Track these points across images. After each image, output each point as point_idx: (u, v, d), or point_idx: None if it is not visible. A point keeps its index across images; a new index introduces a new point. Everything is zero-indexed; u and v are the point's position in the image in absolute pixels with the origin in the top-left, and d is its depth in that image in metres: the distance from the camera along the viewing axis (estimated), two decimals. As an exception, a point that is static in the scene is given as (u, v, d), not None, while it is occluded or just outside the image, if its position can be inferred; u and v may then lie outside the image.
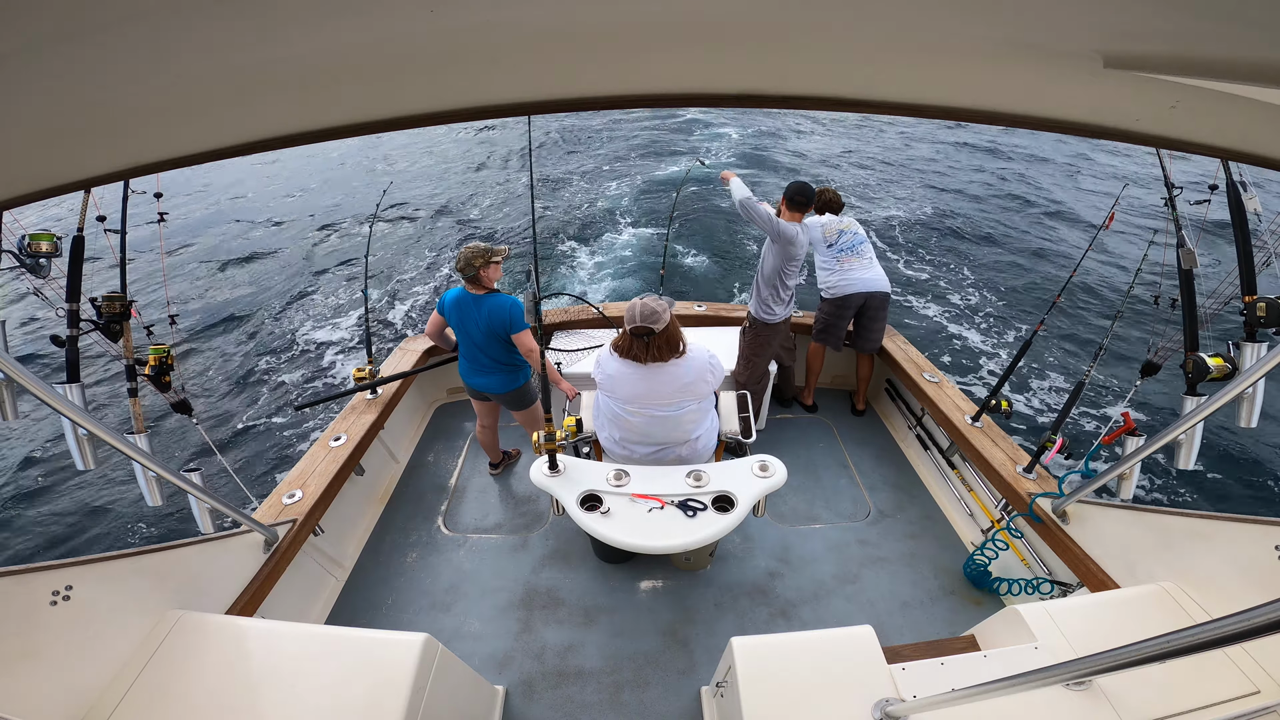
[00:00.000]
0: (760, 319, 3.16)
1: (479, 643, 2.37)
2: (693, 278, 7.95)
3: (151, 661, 1.50)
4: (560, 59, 0.66)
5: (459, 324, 2.72)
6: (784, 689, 1.47)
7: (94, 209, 2.00)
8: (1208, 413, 1.76)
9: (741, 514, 1.96)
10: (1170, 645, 0.75)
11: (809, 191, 2.95)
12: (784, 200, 2.97)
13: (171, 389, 2.08)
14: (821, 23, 0.57)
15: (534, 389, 2.94)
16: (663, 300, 2.15)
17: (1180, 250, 2.06)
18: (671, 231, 4.50)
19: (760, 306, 3.14)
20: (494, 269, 2.60)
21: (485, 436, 3.17)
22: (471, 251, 2.56)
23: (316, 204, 11.98)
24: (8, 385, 1.43)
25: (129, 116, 0.61)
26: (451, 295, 2.71)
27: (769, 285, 3.07)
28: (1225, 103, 0.56)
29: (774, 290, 3.06)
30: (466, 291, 2.65)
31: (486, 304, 2.61)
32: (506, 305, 2.60)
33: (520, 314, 2.62)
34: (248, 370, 6.43)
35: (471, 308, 2.65)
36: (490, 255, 2.57)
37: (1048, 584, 2.35)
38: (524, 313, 2.63)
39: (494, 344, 2.69)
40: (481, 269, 2.56)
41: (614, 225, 9.77)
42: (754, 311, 3.19)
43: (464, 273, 2.58)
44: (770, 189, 10.41)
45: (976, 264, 8.16)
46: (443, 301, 2.74)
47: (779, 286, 3.05)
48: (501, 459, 3.33)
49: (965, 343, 6.40)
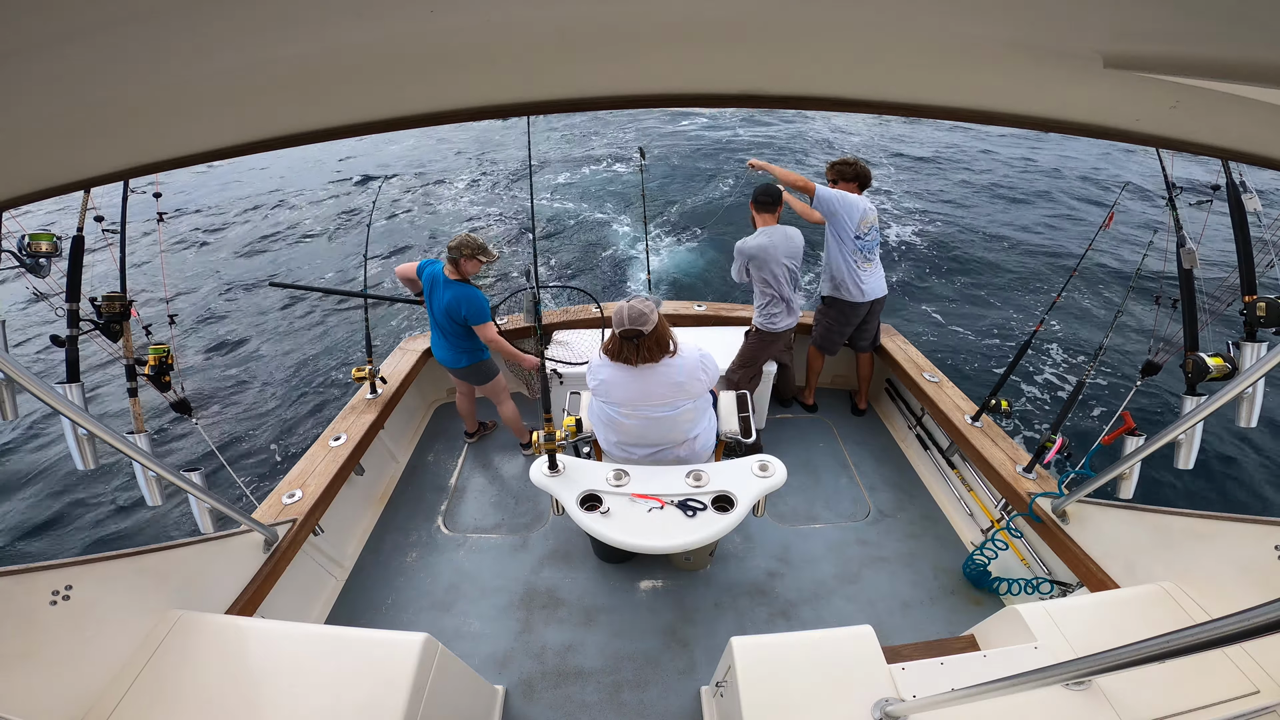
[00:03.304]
0: (764, 328, 3.15)
1: (479, 643, 2.37)
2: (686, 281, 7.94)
3: (151, 661, 1.50)
4: (560, 59, 0.66)
5: (428, 296, 2.95)
6: (784, 689, 1.47)
7: (93, 209, 2.00)
8: (1207, 413, 1.76)
9: (741, 514, 1.96)
10: (1170, 645, 0.75)
11: (774, 192, 3.01)
12: (751, 203, 3.04)
13: (171, 389, 2.09)
14: (822, 23, 0.57)
15: (493, 365, 3.16)
16: (649, 301, 2.14)
17: (1180, 250, 2.06)
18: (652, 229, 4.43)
19: (766, 320, 3.13)
20: (474, 265, 2.78)
21: (462, 404, 3.40)
22: (466, 240, 2.73)
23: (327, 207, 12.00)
24: (7, 385, 1.43)
25: (129, 116, 0.61)
26: (431, 269, 2.91)
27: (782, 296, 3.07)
28: (1225, 103, 0.56)
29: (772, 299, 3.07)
30: (443, 271, 2.84)
31: (453, 290, 2.80)
32: (467, 297, 2.79)
33: (482, 307, 2.81)
34: (248, 369, 6.43)
35: (440, 288, 2.85)
36: (477, 251, 2.74)
37: (1047, 584, 2.35)
38: (488, 307, 2.85)
39: (452, 325, 2.90)
40: (464, 259, 2.75)
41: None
42: (758, 322, 3.18)
43: (450, 253, 2.76)
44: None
45: (976, 264, 8.16)
46: (423, 266, 2.95)
47: (786, 298, 3.07)
48: (477, 429, 3.54)
49: (965, 343, 6.39)
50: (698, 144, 13.93)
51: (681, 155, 13.07)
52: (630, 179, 11.81)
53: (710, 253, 8.48)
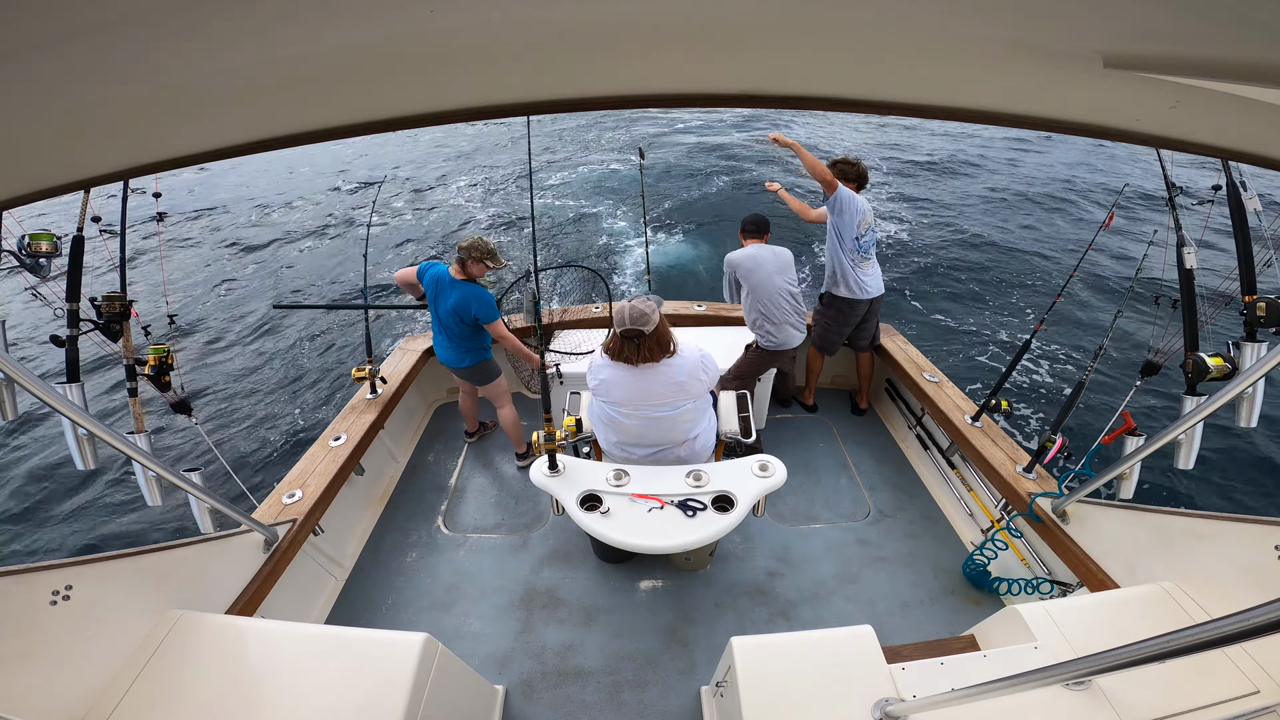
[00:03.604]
0: (769, 350, 3.12)
1: (479, 643, 2.37)
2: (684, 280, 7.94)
3: (151, 661, 1.50)
4: (560, 59, 0.66)
5: (432, 299, 2.93)
6: (784, 689, 1.47)
7: (92, 209, 2.00)
8: (1208, 413, 1.76)
9: (741, 514, 1.96)
10: (1170, 645, 0.75)
11: (761, 221, 3.14)
12: (740, 232, 3.17)
13: (171, 389, 2.08)
14: (822, 23, 0.57)
15: (495, 365, 3.16)
16: (650, 301, 2.15)
17: (1180, 250, 2.06)
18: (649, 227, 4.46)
19: (763, 337, 3.11)
20: (481, 269, 2.80)
21: (464, 403, 3.42)
22: (477, 243, 2.75)
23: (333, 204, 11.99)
24: (7, 385, 1.43)
25: (129, 116, 0.61)
26: (433, 270, 2.90)
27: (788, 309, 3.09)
28: (1225, 103, 0.56)
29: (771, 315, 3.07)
30: (448, 272, 2.84)
31: (460, 289, 2.81)
32: (477, 296, 2.80)
33: (490, 305, 2.82)
34: (248, 370, 6.43)
35: (447, 288, 2.85)
36: (486, 255, 2.76)
37: (1047, 584, 2.35)
38: (496, 304, 2.86)
39: (457, 324, 2.90)
40: (473, 261, 2.76)
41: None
42: (756, 338, 3.16)
43: (460, 253, 2.77)
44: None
45: (976, 264, 8.16)
46: (422, 270, 2.94)
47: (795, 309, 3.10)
48: (477, 429, 3.56)
49: (964, 343, 6.39)
50: (694, 144, 13.95)
51: (678, 155, 13.10)
52: (628, 174, 11.83)
53: (703, 246, 8.52)
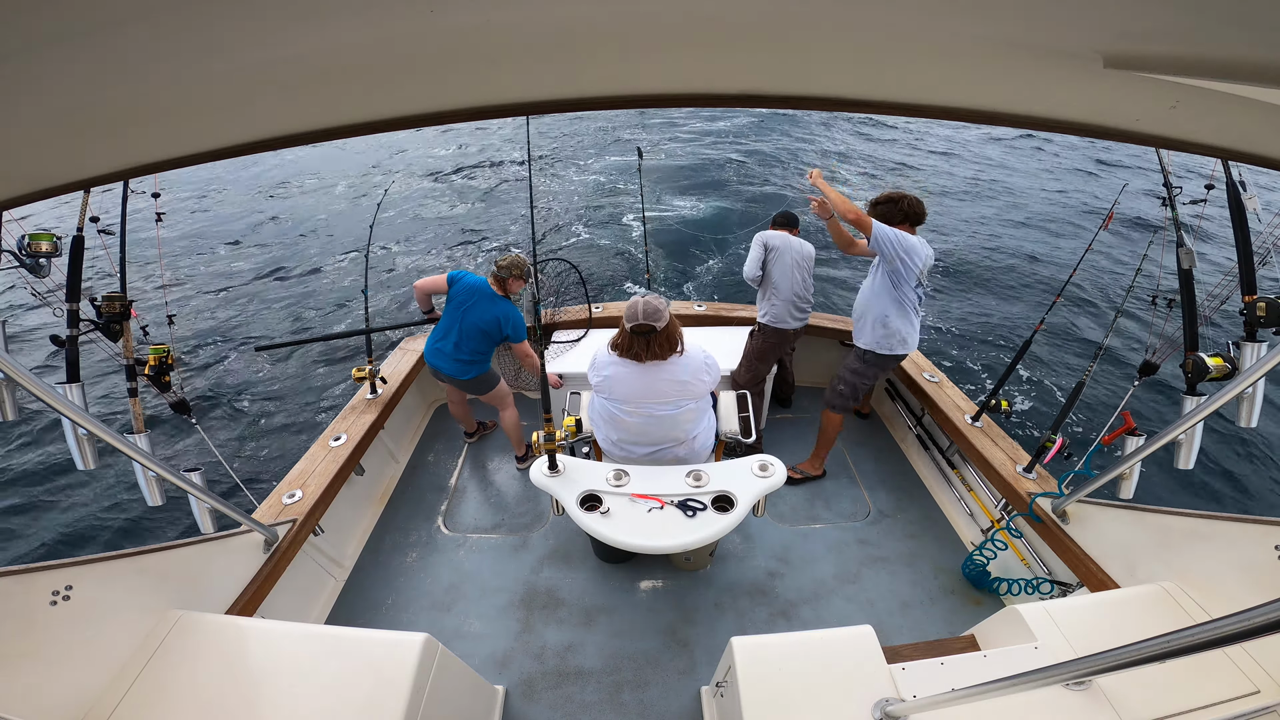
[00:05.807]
0: (773, 326, 3.14)
1: (479, 643, 2.37)
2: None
3: (151, 661, 1.50)
4: (560, 59, 0.66)
5: (461, 305, 2.88)
6: (784, 689, 1.47)
7: (91, 209, 2.00)
8: (1208, 412, 1.76)
9: (741, 514, 1.96)
10: (1170, 645, 0.75)
11: (791, 216, 3.20)
12: (771, 225, 3.21)
13: (171, 389, 2.09)
14: (822, 23, 0.57)
15: (495, 374, 3.15)
16: (661, 299, 2.16)
17: (1180, 250, 2.06)
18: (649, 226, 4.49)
19: (773, 319, 3.12)
20: (519, 285, 2.88)
21: (456, 410, 3.40)
22: (517, 261, 2.84)
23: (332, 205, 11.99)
24: (8, 385, 1.43)
25: (129, 116, 0.61)
26: (471, 279, 2.90)
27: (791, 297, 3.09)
28: (1225, 103, 0.56)
29: (790, 303, 3.08)
30: (489, 285, 2.86)
31: (500, 306, 2.85)
32: (513, 317, 2.86)
33: (523, 326, 2.88)
34: (248, 370, 6.43)
35: (485, 301, 2.86)
36: (525, 274, 2.85)
37: (1048, 584, 2.35)
38: (525, 324, 2.91)
39: (478, 338, 2.89)
40: (512, 279, 2.83)
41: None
42: (765, 319, 3.17)
43: (499, 270, 2.82)
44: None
45: (976, 263, 8.16)
46: (455, 276, 2.92)
47: (803, 298, 3.11)
48: (477, 429, 3.57)
49: (964, 343, 6.39)
50: (693, 144, 13.98)
51: (677, 154, 13.13)
52: (626, 169, 11.86)
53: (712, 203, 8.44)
